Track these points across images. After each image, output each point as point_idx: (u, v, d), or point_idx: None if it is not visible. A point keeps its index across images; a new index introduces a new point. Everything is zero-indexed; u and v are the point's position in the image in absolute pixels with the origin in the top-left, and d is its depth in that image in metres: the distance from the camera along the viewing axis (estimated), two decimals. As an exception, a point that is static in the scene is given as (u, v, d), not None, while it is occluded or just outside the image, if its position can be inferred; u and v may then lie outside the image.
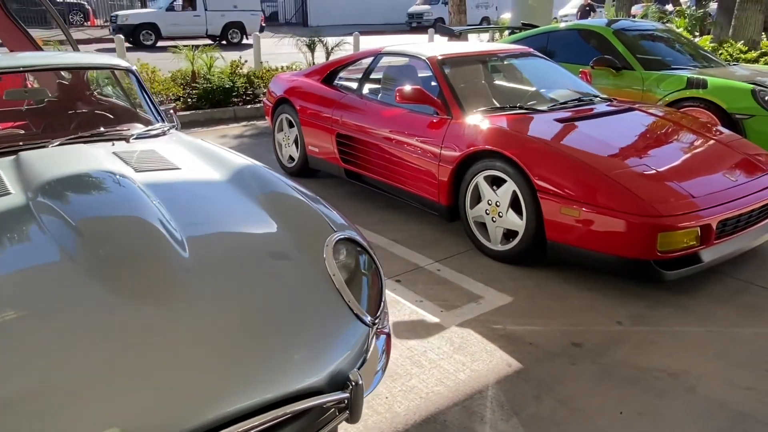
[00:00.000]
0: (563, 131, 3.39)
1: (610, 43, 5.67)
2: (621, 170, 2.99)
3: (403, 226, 3.99)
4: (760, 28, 9.01)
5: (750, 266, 3.34)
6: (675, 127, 3.68)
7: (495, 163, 3.29)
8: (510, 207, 3.28)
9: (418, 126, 3.81)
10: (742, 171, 3.25)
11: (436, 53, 4.06)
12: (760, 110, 4.57)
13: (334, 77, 4.82)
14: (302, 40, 9.19)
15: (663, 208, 2.77)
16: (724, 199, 2.94)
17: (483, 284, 3.17)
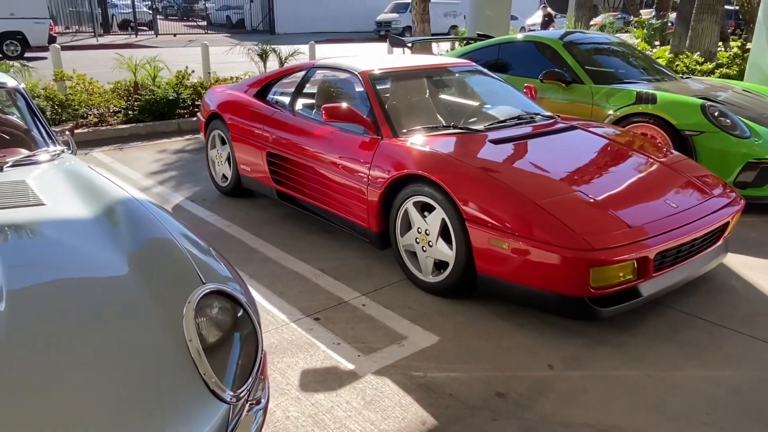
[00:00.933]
0: (496, 153, 3.15)
1: (560, 55, 5.49)
2: (553, 197, 2.76)
3: (335, 253, 3.71)
4: (717, 39, 9.00)
5: (695, 297, 3.15)
6: (616, 148, 3.48)
7: (423, 188, 3.03)
8: (440, 236, 3.03)
9: (347, 146, 3.54)
10: (685, 196, 3.05)
11: (368, 67, 3.81)
12: (710, 126, 4.42)
13: (268, 91, 4.53)
14: (253, 48, 8.87)
15: (595, 240, 2.54)
16: (663, 228, 2.73)
17: (409, 322, 2.90)
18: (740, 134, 4.37)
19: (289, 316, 2.95)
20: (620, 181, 3.06)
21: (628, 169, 3.24)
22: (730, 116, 4.47)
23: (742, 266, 3.55)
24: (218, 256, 2.01)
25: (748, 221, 4.28)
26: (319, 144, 3.72)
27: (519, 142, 3.34)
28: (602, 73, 5.38)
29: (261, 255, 3.69)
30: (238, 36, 28.19)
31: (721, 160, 4.38)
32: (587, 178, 3.02)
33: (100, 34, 25.62)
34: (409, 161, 3.13)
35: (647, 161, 3.35)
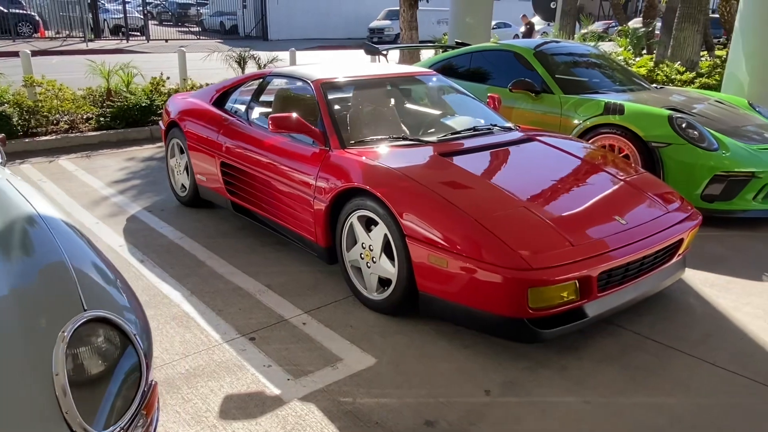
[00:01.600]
0: (443, 166, 3.05)
1: (530, 64, 5.40)
2: (495, 213, 2.64)
3: (285, 267, 3.59)
4: (699, 48, 8.94)
5: (649, 316, 3.04)
6: (572, 161, 3.37)
7: (366, 202, 2.92)
8: (383, 252, 2.91)
9: (296, 157, 3.43)
10: (637, 212, 2.94)
11: (323, 76, 3.70)
12: (677, 138, 4.32)
13: (227, 99, 4.42)
14: (231, 54, 8.77)
15: (534, 259, 2.43)
16: (609, 246, 2.62)
17: (348, 342, 2.78)
18: (708, 146, 4.28)
19: (224, 335, 2.83)
20: (570, 196, 2.95)
21: (580, 183, 3.14)
22: (697, 128, 4.38)
23: (702, 283, 3.44)
24: (121, 282, 1.88)
25: (714, 235, 4.18)
26: (270, 154, 3.61)
27: (470, 154, 3.23)
28: (573, 83, 5.29)
29: (208, 269, 3.57)
30: (231, 42, 28.10)
31: (688, 173, 4.28)
32: (536, 193, 2.91)
33: (91, 39, 25.53)
34: (352, 174, 3.02)
35: (603, 175, 3.24)
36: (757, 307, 3.16)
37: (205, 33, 33.50)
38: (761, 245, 4.03)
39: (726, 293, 3.32)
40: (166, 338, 2.80)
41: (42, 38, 25.43)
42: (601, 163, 3.38)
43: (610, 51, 10.43)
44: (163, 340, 2.78)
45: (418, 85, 4.14)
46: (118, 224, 4.31)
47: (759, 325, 2.96)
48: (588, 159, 3.41)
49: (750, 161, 4.24)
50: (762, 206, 4.33)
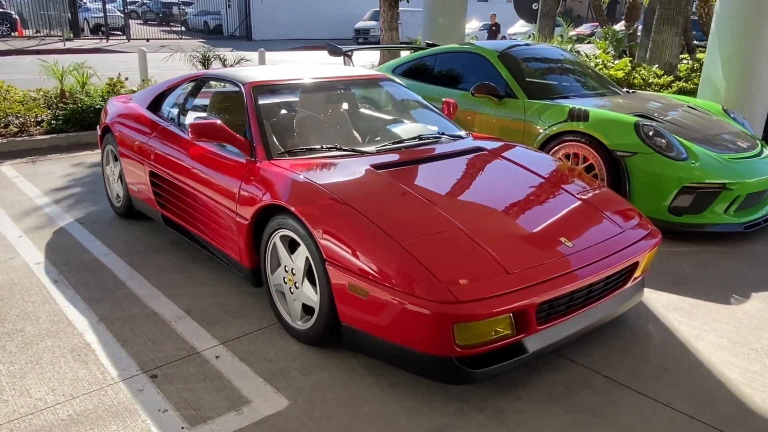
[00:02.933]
0: (374, 181, 2.74)
1: (494, 68, 5.12)
2: (424, 236, 2.35)
3: (211, 289, 3.28)
4: (678, 51, 8.71)
5: (602, 346, 2.75)
6: (521, 175, 3.08)
7: (287, 220, 2.61)
8: (305, 276, 2.61)
9: (222, 168, 3.12)
10: (586, 233, 2.65)
11: (256, 78, 3.39)
12: (643, 147, 4.05)
13: (162, 103, 4.10)
14: (195, 54, 8.42)
15: (461, 290, 2.13)
16: (551, 273, 2.33)
17: (262, 380, 2.47)
18: (676, 156, 4.01)
19: (122, 372, 2.51)
20: (512, 215, 2.66)
21: (526, 200, 2.84)
22: (665, 136, 4.11)
23: (664, 307, 3.16)
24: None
25: (682, 251, 3.92)
26: (197, 164, 3.29)
27: (408, 166, 2.93)
28: (539, 88, 5.01)
29: (126, 291, 3.25)
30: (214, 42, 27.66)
31: (655, 184, 4.01)
32: (475, 212, 2.62)
33: (69, 38, 25.03)
34: (273, 189, 2.71)
35: (553, 191, 2.96)
36: (721, 335, 2.88)
37: (188, 33, 33.06)
38: (733, 262, 3.77)
39: (689, 318, 3.04)
40: (57, 375, 2.47)
41: (20, 37, 24.95)
42: (553, 177, 3.09)
43: (590, 53, 10.19)
44: (52, 378, 2.45)
45: (365, 89, 3.84)
46: (42, 238, 3.97)
47: (721, 358, 2.69)
48: (539, 172, 3.12)
49: (721, 172, 3.98)
50: (734, 219, 4.07)
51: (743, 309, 3.15)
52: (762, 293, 3.34)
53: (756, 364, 2.64)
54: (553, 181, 3.04)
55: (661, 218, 4.05)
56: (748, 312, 3.12)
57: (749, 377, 2.55)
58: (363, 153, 3.04)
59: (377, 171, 2.81)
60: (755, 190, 4.11)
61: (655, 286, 3.40)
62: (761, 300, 3.26)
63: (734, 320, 3.03)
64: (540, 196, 2.89)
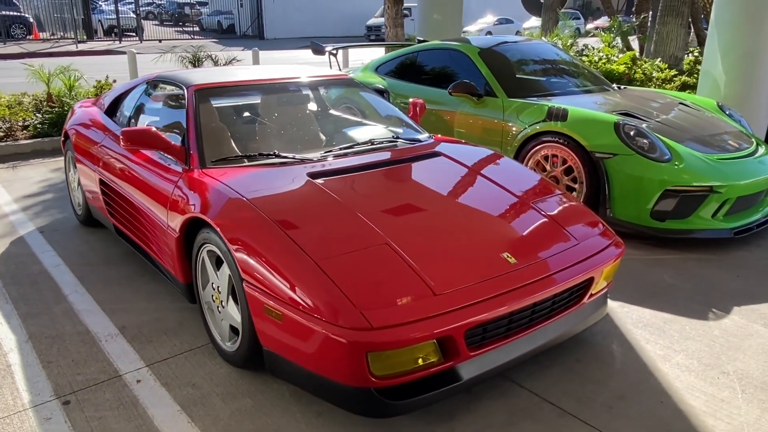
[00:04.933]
0: (307, 191, 2.55)
1: (475, 65, 4.88)
2: (344, 253, 2.14)
3: (152, 304, 3.12)
4: (683, 44, 8.34)
5: (557, 368, 2.52)
6: (474, 181, 2.85)
7: (211, 235, 2.44)
8: (230, 295, 2.43)
9: (158, 176, 2.96)
10: (535, 246, 2.43)
11: (202, 81, 3.22)
12: (623, 148, 3.79)
13: (118, 107, 3.96)
14: (185, 54, 8.31)
15: (377, 315, 1.93)
16: (486, 292, 2.11)
17: (179, 408, 2.29)
18: (658, 157, 3.74)
19: (35, 397, 2.36)
20: (451, 228, 2.44)
21: (474, 211, 2.62)
22: (648, 136, 3.84)
23: (634, 323, 2.92)
24: None
25: (664, 260, 3.65)
26: (138, 172, 3.14)
27: (350, 175, 2.73)
28: (520, 86, 4.76)
29: (65, 306, 3.11)
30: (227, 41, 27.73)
31: (636, 188, 3.75)
32: (411, 224, 2.40)
33: (82, 40, 25.27)
34: (198, 200, 2.54)
35: (505, 199, 2.72)
36: (692, 356, 2.63)
37: (202, 33, 33.21)
38: (718, 272, 3.50)
39: (659, 336, 2.79)
40: (-34, 401, 2.33)
41: (35, 40, 25.27)
42: (511, 184, 2.86)
43: (595, 48, 9.84)
44: (-40, 404, 2.31)
45: (321, 91, 3.64)
46: (-2, 248, 3.87)
47: (688, 383, 2.44)
48: (496, 178, 2.88)
49: (707, 173, 3.71)
50: (723, 225, 3.79)
51: (721, 325, 2.89)
52: (744, 307, 3.07)
53: (725, 390, 2.39)
54: (509, 189, 2.80)
55: (643, 224, 3.79)
56: (726, 329, 2.86)
57: (715, 406, 2.30)
58: (304, 160, 2.85)
59: (312, 180, 2.62)
60: (746, 193, 3.82)
61: (628, 298, 3.16)
62: (742, 315, 2.99)
63: (709, 338, 2.77)
64: (490, 206, 2.66)
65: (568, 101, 4.44)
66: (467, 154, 3.17)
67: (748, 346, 2.71)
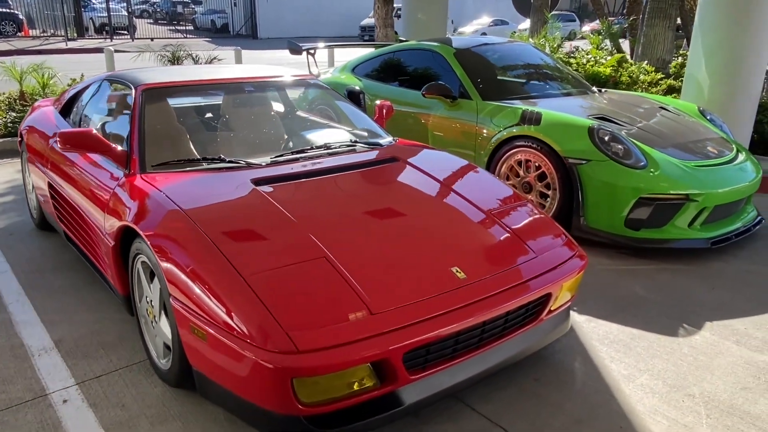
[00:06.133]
0: (248, 200, 2.39)
1: (450, 66, 4.73)
2: (275, 269, 1.99)
3: (95, 315, 2.96)
4: (671, 46, 8.20)
5: (512, 390, 2.37)
6: (432, 190, 2.70)
7: (143, 245, 2.28)
8: (162, 310, 2.28)
9: (99, 181, 2.80)
10: (488, 260, 2.28)
11: (152, 80, 3.06)
12: (597, 153, 3.65)
13: (72, 108, 3.79)
14: (165, 53, 8.13)
15: (305, 337, 1.78)
16: (427, 311, 1.96)
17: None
18: (633, 164, 3.60)
19: (-51, 419, 2.20)
20: (402, 241, 2.28)
21: (426, 221, 2.46)
22: (623, 141, 3.70)
23: (600, 339, 2.77)
24: None
25: (637, 270, 3.51)
26: (82, 176, 2.98)
27: (298, 181, 2.58)
28: (496, 88, 4.62)
29: (3, 317, 2.94)
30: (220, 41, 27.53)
31: (610, 195, 3.61)
32: (355, 236, 2.25)
33: (72, 37, 25.05)
34: (132, 208, 2.38)
35: (463, 210, 2.57)
36: (657, 376, 2.48)
37: (195, 32, 33.00)
38: (692, 284, 3.35)
39: (625, 354, 2.65)
40: None
41: (25, 37, 25.03)
42: (469, 192, 2.70)
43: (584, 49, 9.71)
44: None
45: (280, 91, 3.48)
46: (-54, 254, 3.70)
47: (650, 406, 2.29)
48: (455, 186, 2.73)
49: (684, 181, 3.56)
50: (700, 234, 3.65)
51: (691, 342, 2.75)
52: (717, 322, 2.92)
53: (689, 415, 2.25)
54: (468, 198, 2.65)
55: (617, 233, 3.65)
56: (696, 346, 2.71)
57: (677, 432, 2.16)
58: (252, 165, 2.69)
59: (256, 187, 2.46)
60: (724, 202, 3.68)
61: (596, 311, 3.01)
62: (714, 331, 2.85)
63: (677, 357, 2.63)
64: (445, 216, 2.51)
65: (544, 104, 4.30)
66: (428, 159, 3.02)
67: (717, 365, 2.56)
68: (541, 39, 8.73)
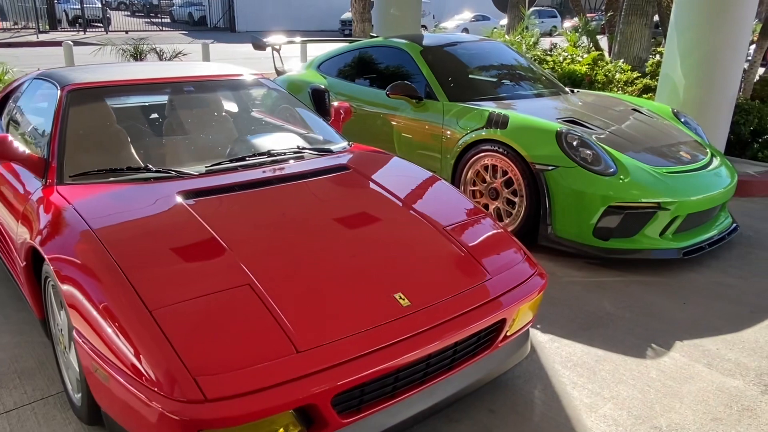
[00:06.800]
0: (164, 218, 2.15)
1: (416, 64, 4.51)
2: (189, 300, 1.76)
3: (17, 338, 2.70)
4: (648, 44, 8.07)
5: (466, 423, 2.17)
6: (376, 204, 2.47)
7: (50, 268, 2.03)
8: (71, 340, 2.03)
9: (16, 191, 2.54)
10: (437, 286, 2.06)
11: (80, 80, 2.80)
12: (565, 159, 3.46)
13: (4, 108, 3.50)
14: (126, 47, 7.80)
15: (214, 383, 1.55)
16: (362, 347, 1.74)
17: (0, 479, 1.90)
18: (602, 170, 3.42)
19: None
20: (342, 262, 2.06)
21: (370, 239, 2.24)
22: (592, 147, 3.51)
23: (563, 362, 2.58)
24: None
25: (606, 283, 3.33)
26: (2, 186, 2.71)
27: (230, 194, 2.34)
28: (465, 88, 4.41)
29: None
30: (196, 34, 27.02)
31: (578, 203, 3.42)
32: (289, 259, 2.02)
33: (44, 30, 24.38)
34: (41, 226, 2.13)
35: (413, 227, 2.35)
36: (621, 405, 2.30)
37: (172, 24, 32.38)
38: (663, 299, 3.18)
39: (589, 379, 2.46)
40: None
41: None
42: (422, 206, 2.49)
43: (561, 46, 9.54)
44: None
45: (226, 92, 3.23)
46: None
47: (612, 441, 2.11)
48: (406, 199, 2.51)
49: (655, 188, 3.39)
50: (672, 244, 3.48)
51: (659, 365, 2.57)
52: (687, 342, 2.75)
53: (654, 452, 2.07)
54: (421, 212, 2.43)
55: (586, 243, 3.47)
56: (665, 369, 2.54)
57: (640, 472, 1.97)
58: (183, 175, 2.45)
59: (183, 201, 2.22)
60: (697, 210, 3.52)
61: (560, 330, 2.83)
62: (684, 351, 2.67)
63: (644, 381, 2.45)
64: (393, 234, 2.29)
65: (513, 106, 4.10)
66: (382, 168, 2.80)
67: (687, 392, 2.39)
68: (517, 36, 8.54)
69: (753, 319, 2.97)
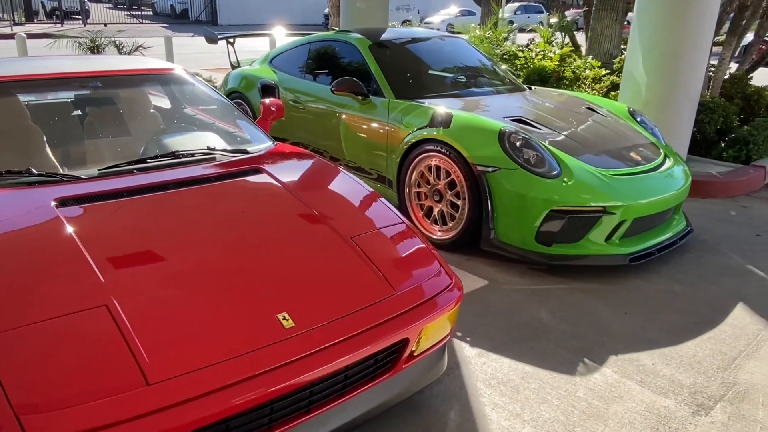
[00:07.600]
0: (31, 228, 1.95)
1: (364, 59, 4.33)
2: (29, 326, 1.55)
3: None
4: (618, 40, 7.93)
5: (366, 451, 2.01)
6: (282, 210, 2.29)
7: None
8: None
9: None
10: (328, 303, 1.88)
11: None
12: (507, 161, 3.29)
13: None
14: (83, 41, 7.54)
15: (40, 421, 1.36)
16: (233, 375, 1.56)
17: None
18: (545, 173, 3.25)
19: None
20: (224, 279, 1.87)
21: (262, 251, 2.05)
22: (537, 148, 3.34)
23: (486, 378, 2.41)
24: None
25: (545, 291, 3.17)
26: None
27: (113, 201, 2.14)
28: (413, 84, 4.23)
29: None
30: (178, 27, 26.61)
31: (520, 207, 3.26)
32: (161, 275, 1.83)
33: (21, 22, 23.91)
34: None
35: (317, 234, 2.17)
36: (540, 429, 2.14)
37: (154, 17, 31.92)
38: (604, 307, 3.03)
39: (511, 398, 2.30)
40: None
41: (-28, 24, 23.81)
42: (331, 211, 2.31)
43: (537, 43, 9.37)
44: None
45: (138, 88, 3.02)
46: None
47: (523, 470, 1.95)
48: (315, 205, 2.32)
49: (600, 192, 3.23)
50: (618, 250, 3.33)
51: (589, 382, 2.41)
52: (622, 356, 2.60)
53: (567, 482, 1.91)
54: (329, 221, 2.25)
55: (528, 248, 3.31)
56: (594, 387, 2.38)
57: (548, 507, 1.81)
58: (69, 179, 2.25)
59: (58, 209, 2.02)
60: (646, 213, 3.37)
61: (490, 343, 2.66)
62: (617, 367, 2.52)
63: (570, 401, 2.29)
64: (289, 246, 2.10)
65: (460, 104, 3.93)
66: (298, 171, 2.61)
67: (614, 413, 2.23)
68: (487, 31, 8.36)
69: (695, 331, 2.82)
